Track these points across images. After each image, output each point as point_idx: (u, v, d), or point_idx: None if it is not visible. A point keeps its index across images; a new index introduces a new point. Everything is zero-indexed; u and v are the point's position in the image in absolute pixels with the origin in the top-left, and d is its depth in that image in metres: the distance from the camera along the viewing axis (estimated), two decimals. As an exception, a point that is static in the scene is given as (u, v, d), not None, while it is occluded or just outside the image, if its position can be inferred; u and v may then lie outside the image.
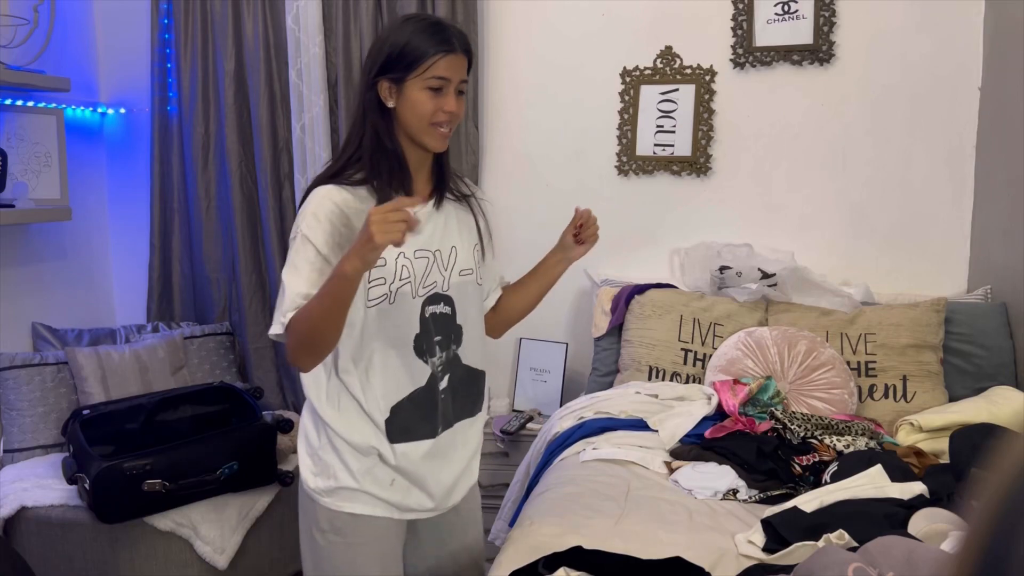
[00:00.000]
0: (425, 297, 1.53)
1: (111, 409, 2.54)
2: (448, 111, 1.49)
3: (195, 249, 3.18)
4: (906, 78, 2.70)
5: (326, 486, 1.54)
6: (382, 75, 1.48)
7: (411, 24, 1.50)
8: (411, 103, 1.48)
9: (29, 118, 2.81)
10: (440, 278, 1.55)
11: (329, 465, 1.54)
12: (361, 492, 1.54)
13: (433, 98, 1.48)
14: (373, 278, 1.47)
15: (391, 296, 1.49)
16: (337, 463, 1.53)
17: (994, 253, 2.59)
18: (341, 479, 1.53)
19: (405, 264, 1.50)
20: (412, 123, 1.49)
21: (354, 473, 1.53)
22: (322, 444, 1.54)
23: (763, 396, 2.35)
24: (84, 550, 2.34)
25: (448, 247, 1.57)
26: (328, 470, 1.54)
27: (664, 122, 2.89)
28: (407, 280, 1.50)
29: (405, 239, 1.32)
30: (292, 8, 2.93)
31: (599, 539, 1.64)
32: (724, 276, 2.72)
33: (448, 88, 1.49)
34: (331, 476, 1.54)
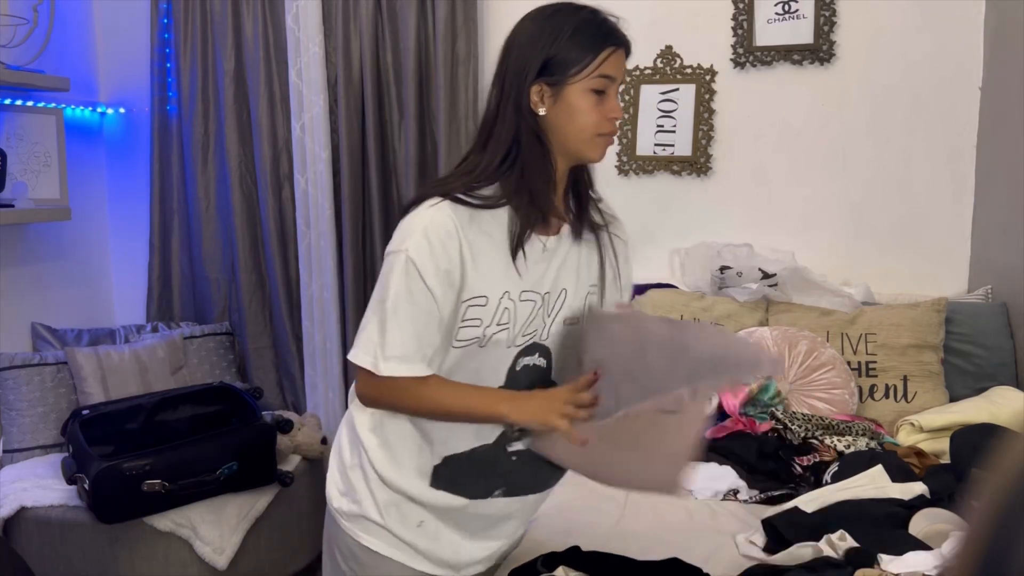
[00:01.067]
0: (523, 347, 1.31)
1: (111, 409, 2.54)
2: (614, 117, 1.29)
3: (195, 249, 3.18)
4: (906, 78, 2.70)
5: (350, 510, 1.38)
6: (539, 77, 1.27)
7: (569, 17, 1.29)
8: (571, 109, 1.27)
9: (29, 118, 2.81)
10: (542, 326, 1.32)
11: (355, 489, 1.37)
12: (383, 529, 1.36)
13: (597, 103, 1.28)
14: (468, 318, 1.26)
15: (483, 340, 1.27)
16: (364, 489, 1.36)
17: (994, 253, 2.59)
18: (365, 507, 1.36)
19: (508, 307, 1.27)
20: (571, 133, 1.28)
21: (379, 505, 1.35)
22: (353, 464, 1.38)
23: (764, 396, 2.35)
24: (84, 550, 2.34)
25: (559, 290, 1.34)
26: (354, 494, 1.37)
27: (664, 122, 2.89)
28: (505, 326, 1.28)
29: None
30: (292, 8, 2.93)
31: (599, 539, 1.64)
32: (724, 276, 2.72)
33: (612, 89, 1.29)
34: (356, 501, 1.37)
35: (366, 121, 2.98)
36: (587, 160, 1.34)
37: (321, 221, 2.99)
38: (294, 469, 2.62)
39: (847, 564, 1.47)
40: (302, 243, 3.03)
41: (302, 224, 3.02)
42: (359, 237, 3.04)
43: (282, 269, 3.10)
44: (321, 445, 2.76)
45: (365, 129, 2.99)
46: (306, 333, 3.06)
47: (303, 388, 3.12)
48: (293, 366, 3.14)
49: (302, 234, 3.03)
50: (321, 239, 3.00)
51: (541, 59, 1.27)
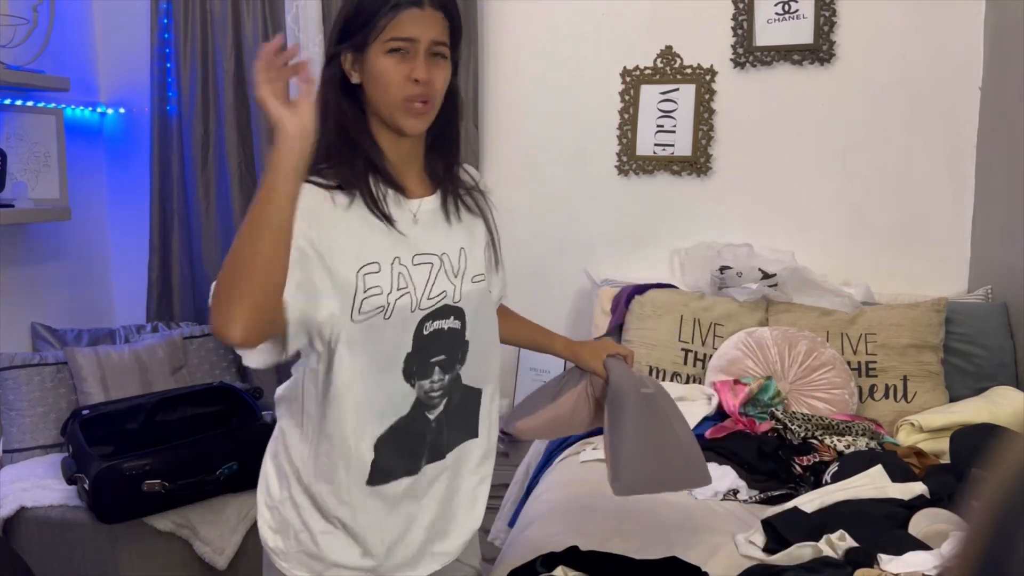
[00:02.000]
0: (429, 311, 1.26)
1: (111, 409, 2.54)
2: (416, 77, 1.19)
3: (195, 249, 3.18)
4: (906, 78, 2.70)
5: (285, 547, 1.30)
6: (342, 43, 1.22)
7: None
8: (374, 74, 1.21)
9: (28, 118, 2.81)
10: (450, 287, 1.28)
11: (289, 523, 1.29)
12: (322, 561, 1.29)
13: (398, 64, 1.20)
14: (370, 286, 1.20)
15: (387, 309, 1.21)
16: (297, 522, 1.28)
17: (994, 253, 2.59)
18: (302, 541, 1.28)
19: (401, 272, 1.23)
20: (380, 100, 1.22)
21: (315, 536, 1.28)
22: (283, 498, 1.30)
23: (763, 396, 2.35)
24: (84, 550, 2.34)
25: (456, 249, 1.31)
26: (287, 529, 1.29)
27: (664, 122, 2.89)
28: (405, 291, 1.23)
29: (287, 86, 1.10)
30: (292, 8, 2.93)
31: (599, 539, 1.64)
32: (724, 276, 2.72)
33: (415, 50, 1.20)
34: (290, 537, 1.29)
35: (366, 121, 2.98)
36: (402, 131, 1.24)
37: (321, 221, 2.98)
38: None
39: (847, 564, 1.48)
40: (302, 243, 3.03)
41: (302, 224, 3.02)
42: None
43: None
44: (321, 445, 2.76)
45: (365, 129, 2.99)
46: (306, 333, 3.06)
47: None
48: (293, 366, 3.13)
49: (302, 234, 3.02)
50: (321, 239, 2.99)
51: (342, 22, 1.23)
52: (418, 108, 1.22)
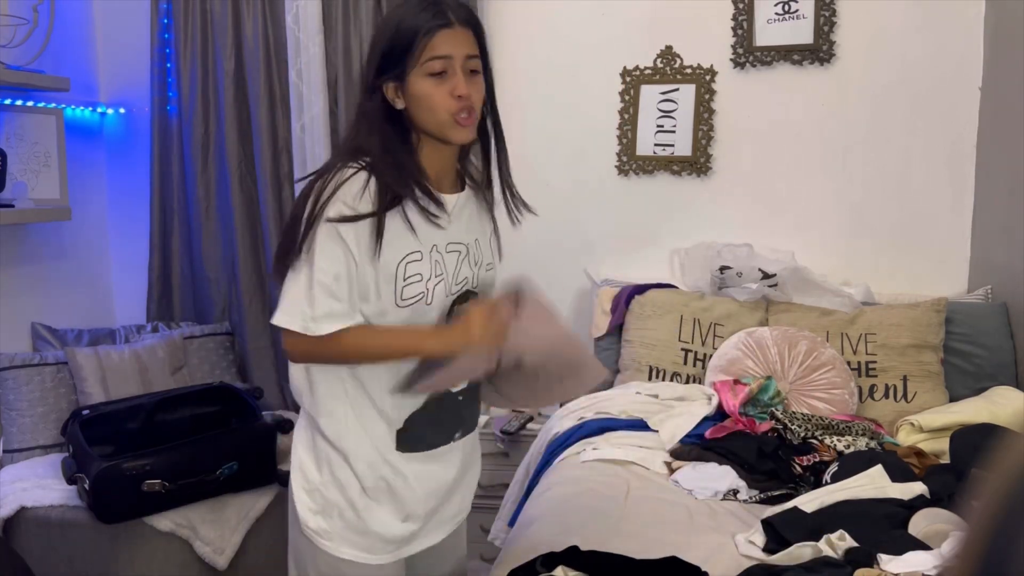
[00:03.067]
0: (457, 295, 1.39)
1: (111, 409, 2.54)
2: (459, 94, 1.29)
3: (195, 249, 3.18)
4: (906, 78, 2.70)
5: (329, 527, 1.40)
6: (383, 75, 1.31)
7: (397, 10, 1.33)
8: (418, 98, 1.30)
9: (29, 118, 2.81)
10: (471, 274, 1.42)
11: (333, 503, 1.39)
12: (367, 535, 1.40)
13: (439, 85, 1.30)
14: (410, 274, 1.32)
15: (428, 295, 1.34)
16: (342, 500, 1.39)
17: (994, 253, 2.59)
18: (347, 519, 1.39)
19: (438, 259, 1.35)
20: (428, 120, 1.32)
21: (359, 511, 1.39)
22: (324, 480, 1.39)
23: (763, 396, 2.35)
24: (84, 550, 2.34)
25: (473, 239, 1.44)
26: (331, 509, 1.39)
27: (664, 122, 2.89)
28: (441, 277, 1.35)
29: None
30: (292, 8, 2.93)
31: (599, 539, 1.64)
32: (724, 276, 2.72)
33: (452, 68, 1.29)
34: (334, 516, 1.39)
35: (366, 121, 2.98)
36: (454, 142, 1.37)
37: (321, 221, 2.98)
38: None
39: (846, 564, 1.48)
40: (302, 243, 3.03)
41: (302, 224, 3.02)
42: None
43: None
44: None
45: (365, 129, 2.99)
46: (306, 333, 3.06)
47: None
48: (293, 366, 3.13)
49: (302, 234, 3.02)
50: (321, 239, 2.99)
51: (380, 56, 1.32)
52: (463, 119, 1.33)
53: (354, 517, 1.39)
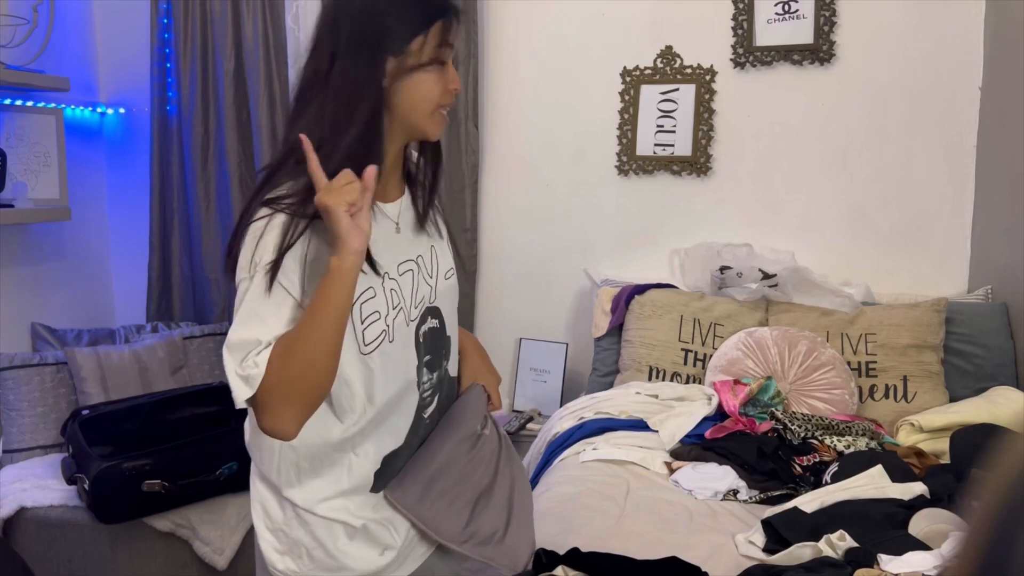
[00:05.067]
0: (418, 318, 1.25)
1: (110, 409, 2.54)
2: (455, 87, 1.20)
3: (195, 249, 3.18)
4: (906, 78, 2.70)
5: (298, 568, 1.24)
6: (382, 50, 1.12)
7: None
8: (415, 83, 1.15)
9: (28, 118, 2.81)
10: (428, 289, 1.28)
11: (299, 543, 1.23)
12: (341, 572, 1.25)
13: (440, 75, 1.17)
14: (367, 314, 1.16)
15: (390, 332, 1.19)
16: (309, 540, 1.23)
17: (994, 253, 2.59)
18: (317, 558, 1.23)
19: (393, 287, 1.20)
20: (413, 108, 1.17)
21: (331, 550, 1.23)
22: (287, 518, 1.24)
23: (763, 396, 2.35)
24: (84, 550, 2.34)
25: (428, 248, 1.29)
26: (298, 549, 1.23)
27: (664, 122, 2.89)
28: (399, 307, 1.21)
29: (363, 198, 1.07)
30: (292, 8, 2.93)
31: (599, 539, 1.64)
32: (724, 276, 2.72)
33: (450, 59, 1.19)
34: (303, 556, 1.23)
35: (366, 121, 2.98)
36: (430, 137, 1.22)
37: (321, 221, 2.98)
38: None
39: (846, 564, 1.47)
40: (302, 243, 3.02)
41: (302, 224, 3.02)
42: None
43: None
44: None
45: (365, 129, 2.98)
46: (306, 333, 3.06)
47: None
48: (293, 366, 3.13)
49: (302, 234, 3.02)
50: (321, 239, 2.99)
51: (381, 24, 1.13)
52: (443, 116, 1.21)
53: (324, 556, 1.23)
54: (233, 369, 1.08)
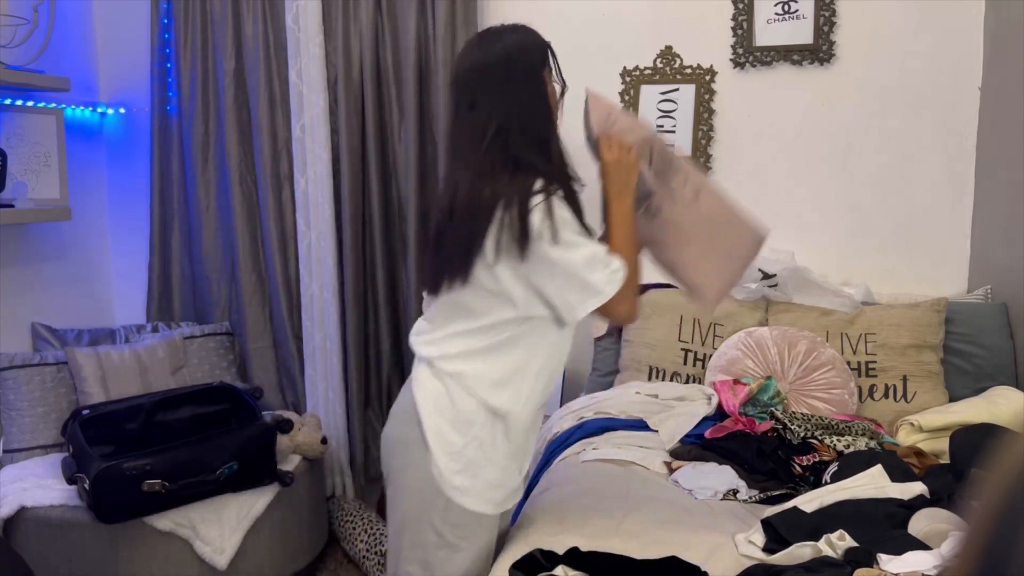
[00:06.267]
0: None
1: (111, 409, 2.54)
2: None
3: (195, 249, 3.18)
4: (906, 78, 2.70)
5: (471, 485, 1.59)
6: (544, 66, 1.67)
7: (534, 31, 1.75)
8: (553, 97, 1.67)
9: (29, 118, 2.81)
10: None
11: (473, 461, 1.59)
12: (499, 489, 1.64)
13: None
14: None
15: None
16: (481, 458, 1.60)
17: (994, 253, 2.59)
18: (486, 475, 1.61)
19: None
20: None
21: (498, 466, 1.62)
22: (466, 441, 1.59)
23: (763, 396, 2.35)
24: (84, 550, 2.34)
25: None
26: (472, 467, 1.59)
27: (664, 122, 2.89)
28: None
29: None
30: (292, 8, 2.93)
31: (599, 539, 1.64)
32: (724, 276, 2.72)
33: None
34: (477, 475, 1.60)
35: (366, 121, 2.98)
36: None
37: (321, 221, 2.99)
38: (294, 469, 2.62)
39: (846, 564, 1.48)
40: (302, 243, 3.03)
41: (302, 224, 3.02)
42: (359, 237, 3.04)
43: (282, 269, 3.10)
44: (321, 445, 2.76)
45: (365, 129, 2.99)
46: (306, 333, 3.06)
47: (303, 388, 3.12)
48: (293, 366, 3.14)
49: (302, 234, 3.03)
50: (321, 239, 3.00)
51: (540, 54, 1.68)
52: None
53: (494, 473, 1.61)
54: (601, 278, 1.51)
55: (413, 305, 3.04)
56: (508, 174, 1.52)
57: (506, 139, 1.54)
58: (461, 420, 1.59)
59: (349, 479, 3.12)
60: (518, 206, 1.48)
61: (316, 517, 2.82)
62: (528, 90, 1.59)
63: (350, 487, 3.12)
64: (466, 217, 1.52)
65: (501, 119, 1.54)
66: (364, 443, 3.12)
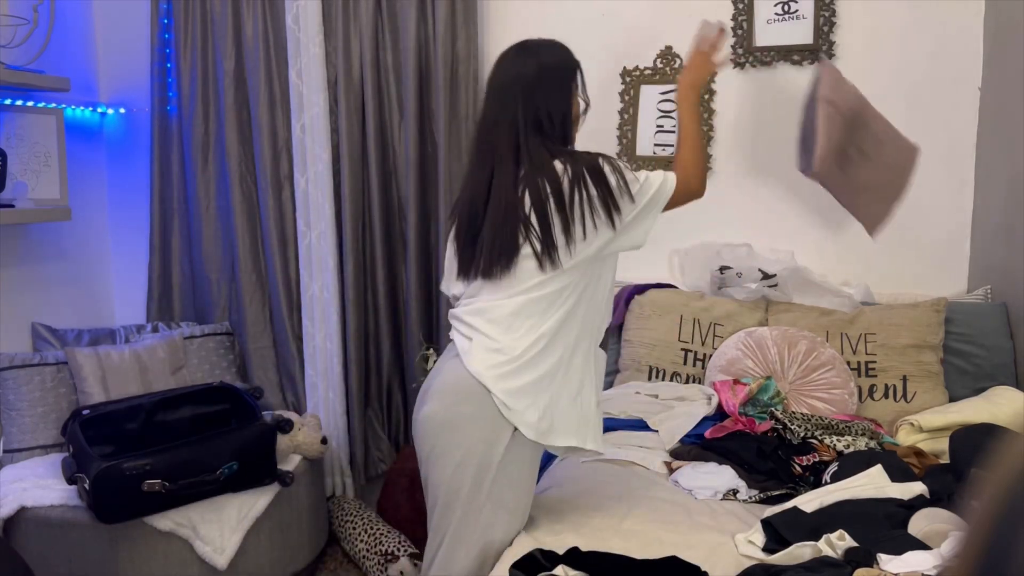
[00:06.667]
0: None
1: (111, 409, 2.54)
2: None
3: (195, 249, 3.18)
4: (905, 78, 2.70)
5: (537, 421, 1.71)
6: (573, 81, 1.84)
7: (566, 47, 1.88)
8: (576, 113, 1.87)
9: (29, 118, 2.81)
10: None
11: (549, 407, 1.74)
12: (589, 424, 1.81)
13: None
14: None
15: None
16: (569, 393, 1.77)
17: (994, 253, 2.59)
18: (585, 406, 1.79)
19: None
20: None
21: (593, 403, 1.81)
22: (556, 393, 1.73)
23: (763, 396, 2.35)
24: (84, 550, 2.34)
25: None
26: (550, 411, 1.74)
27: (664, 122, 2.89)
28: None
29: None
30: (292, 8, 2.93)
31: (599, 539, 1.64)
32: (724, 276, 2.72)
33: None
34: (553, 416, 1.74)
35: (366, 121, 2.98)
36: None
37: (321, 221, 2.99)
38: (294, 469, 2.62)
39: (846, 564, 1.48)
40: (302, 243, 3.03)
41: (302, 224, 3.02)
42: (359, 237, 3.04)
43: (282, 269, 3.10)
44: (321, 445, 2.76)
45: (365, 129, 2.99)
46: (306, 333, 3.07)
47: (303, 388, 3.12)
48: (293, 366, 3.14)
49: (302, 234, 3.03)
50: (321, 239, 3.00)
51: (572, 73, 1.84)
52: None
53: (590, 408, 1.79)
54: (672, 172, 1.85)
55: (413, 305, 3.04)
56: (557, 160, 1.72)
57: (541, 136, 1.74)
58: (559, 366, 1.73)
59: (349, 479, 3.12)
60: (590, 176, 1.70)
61: (316, 517, 2.81)
62: (560, 96, 1.78)
63: (350, 487, 3.12)
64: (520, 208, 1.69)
65: (539, 118, 1.73)
66: (364, 443, 3.12)
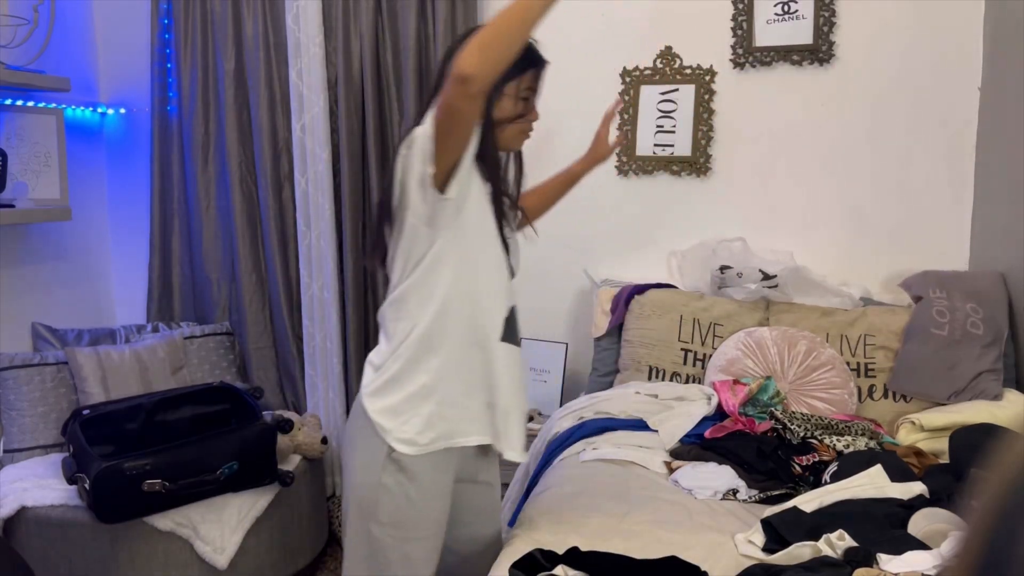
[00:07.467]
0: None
1: (111, 409, 2.54)
2: (536, 119, 1.80)
3: (195, 249, 3.18)
4: (905, 78, 2.70)
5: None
6: (510, 80, 1.67)
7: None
8: (512, 106, 1.72)
9: (29, 118, 2.81)
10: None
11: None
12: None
13: (525, 104, 1.76)
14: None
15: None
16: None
17: (994, 253, 2.59)
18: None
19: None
20: (508, 125, 1.75)
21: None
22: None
23: (763, 396, 2.35)
24: (84, 550, 2.34)
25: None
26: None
27: (664, 122, 2.89)
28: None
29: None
30: (292, 8, 2.93)
31: (599, 539, 1.64)
32: (724, 276, 2.72)
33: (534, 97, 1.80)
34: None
35: (366, 121, 2.98)
36: (509, 149, 1.82)
37: (321, 221, 2.99)
38: (294, 469, 2.62)
39: (846, 564, 1.48)
40: (302, 243, 3.03)
41: (302, 224, 3.02)
42: (359, 237, 3.04)
43: (282, 269, 3.10)
44: (321, 445, 2.76)
45: (365, 129, 2.99)
46: (306, 333, 3.07)
47: (303, 388, 3.12)
48: (293, 366, 3.14)
49: (302, 234, 3.03)
50: (321, 239, 3.00)
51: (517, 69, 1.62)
52: (528, 137, 1.78)
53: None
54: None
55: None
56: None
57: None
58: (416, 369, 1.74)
59: (349, 479, 3.11)
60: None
61: (316, 517, 2.82)
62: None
63: (350, 487, 3.12)
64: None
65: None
66: (364, 443, 3.12)
